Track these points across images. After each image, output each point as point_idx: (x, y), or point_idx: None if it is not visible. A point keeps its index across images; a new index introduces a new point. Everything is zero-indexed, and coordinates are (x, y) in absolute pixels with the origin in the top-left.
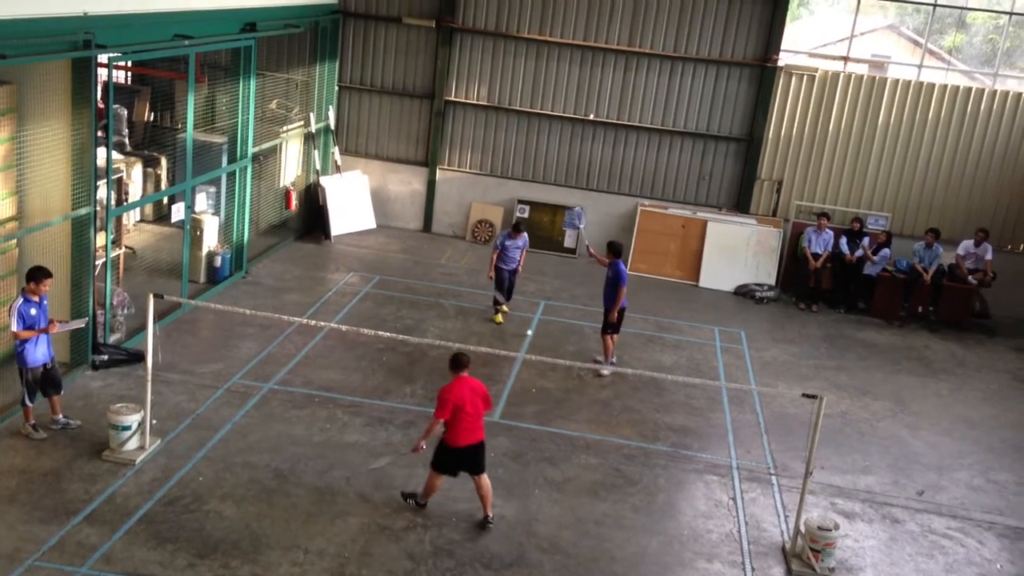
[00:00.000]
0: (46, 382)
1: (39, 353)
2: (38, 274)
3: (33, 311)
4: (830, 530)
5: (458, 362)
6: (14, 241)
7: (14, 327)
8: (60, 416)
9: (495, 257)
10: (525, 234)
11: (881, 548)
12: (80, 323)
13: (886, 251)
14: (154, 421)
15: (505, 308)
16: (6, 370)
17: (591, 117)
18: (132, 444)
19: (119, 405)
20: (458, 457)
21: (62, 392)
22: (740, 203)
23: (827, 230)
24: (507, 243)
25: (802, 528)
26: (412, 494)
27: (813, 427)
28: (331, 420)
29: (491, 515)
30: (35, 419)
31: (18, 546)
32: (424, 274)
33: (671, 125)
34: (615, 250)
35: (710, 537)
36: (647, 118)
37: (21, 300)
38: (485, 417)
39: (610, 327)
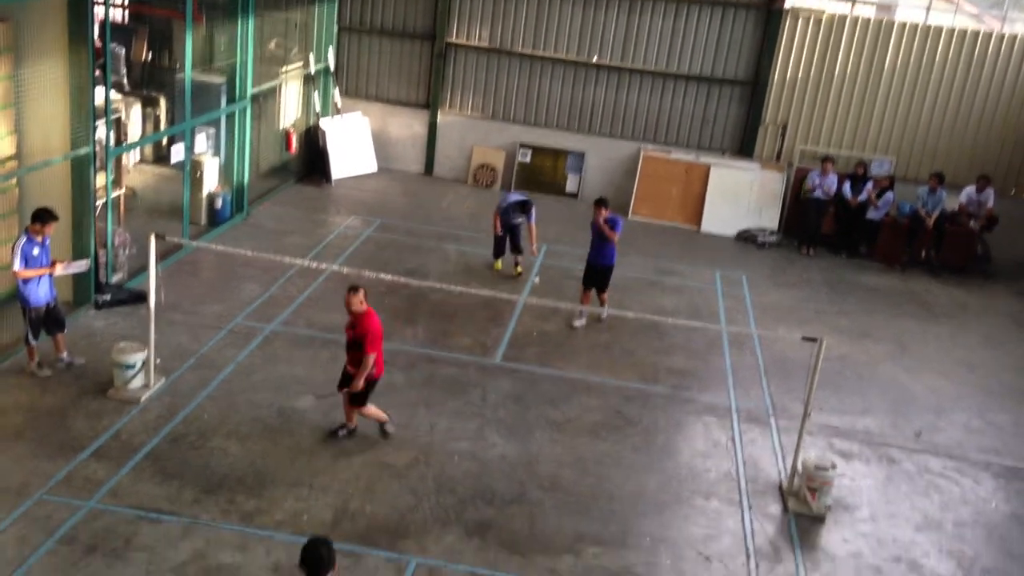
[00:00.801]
0: (49, 321)
1: (41, 292)
2: (45, 216)
3: (36, 251)
4: (827, 469)
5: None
6: (14, 180)
7: (16, 266)
8: (64, 354)
9: (497, 222)
10: (529, 206)
11: (877, 487)
12: (83, 266)
13: (889, 195)
14: (158, 360)
15: (518, 268)
16: (9, 309)
17: (594, 60)
18: (136, 383)
19: (123, 344)
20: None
21: (65, 330)
22: (744, 148)
23: (831, 174)
24: (506, 207)
25: (799, 467)
26: (340, 427)
27: (812, 369)
28: (333, 361)
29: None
30: (39, 357)
31: (26, 480)
32: (426, 218)
33: (675, 69)
34: (605, 203)
35: (708, 476)
36: (651, 61)
37: (24, 239)
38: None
39: (606, 284)
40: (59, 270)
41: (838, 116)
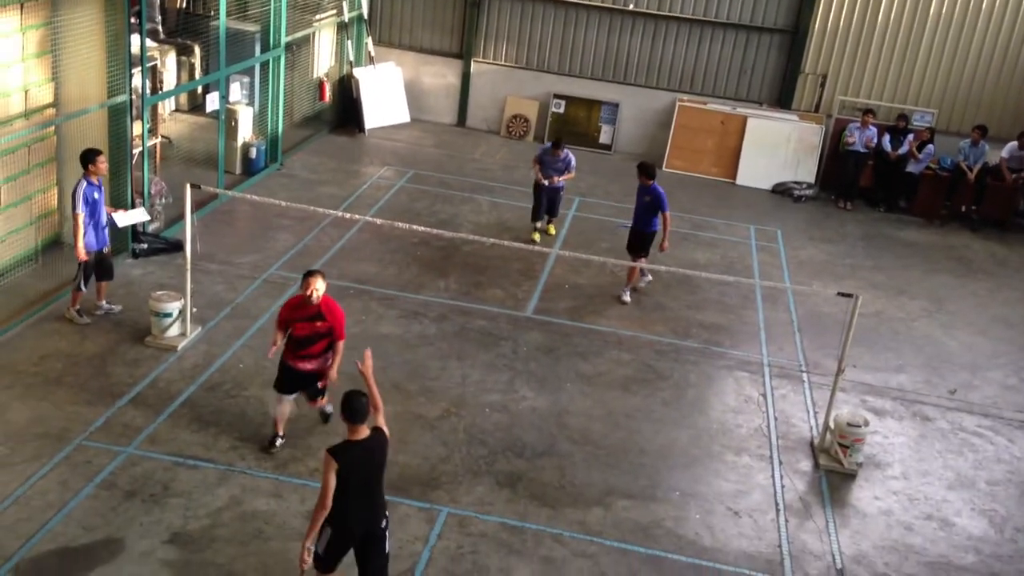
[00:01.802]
0: (100, 268)
1: (96, 238)
2: (91, 155)
3: (96, 194)
4: (859, 426)
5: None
6: (52, 128)
7: (78, 209)
8: (104, 302)
9: (537, 170)
10: (567, 152)
11: (910, 445)
12: (141, 215)
13: (930, 147)
14: (194, 309)
15: (541, 227)
16: (50, 256)
17: (630, 7)
18: (173, 331)
19: (160, 293)
20: None
21: (112, 279)
22: (782, 98)
23: (871, 126)
24: (545, 158)
25: (831, 424)
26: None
27: (847, 326)
28: (366, 312)
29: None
30: (80, 304)
31: (66, 426)
32: (458, 168)
33: (713, 16)
34: (649, 172)
35: (739, 431)
36: (688, 8)
37: (84, 184)
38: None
39: (643, 250)
40: (116, 216)
41: (879, 66)
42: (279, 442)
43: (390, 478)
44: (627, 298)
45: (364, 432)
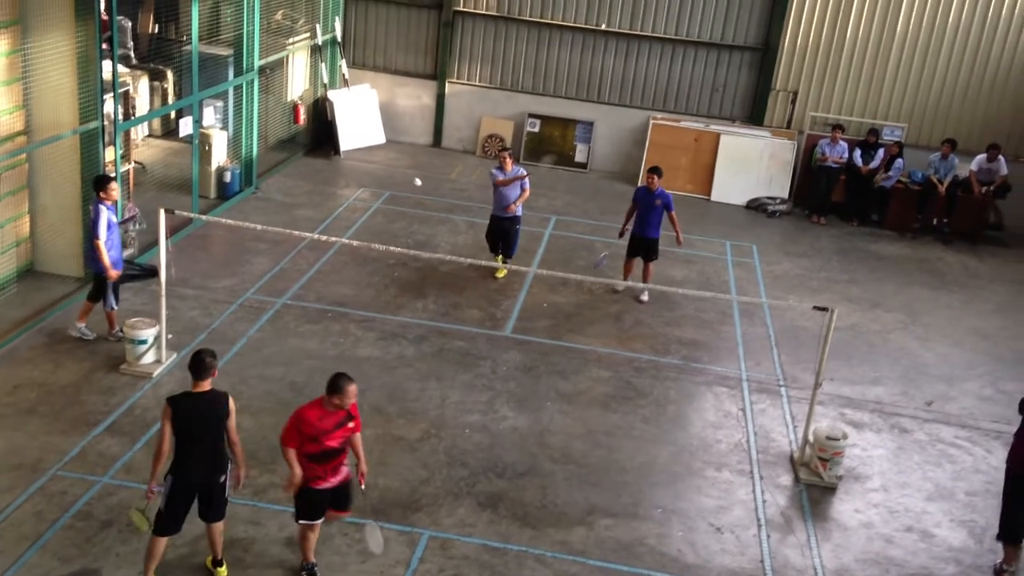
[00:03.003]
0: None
1: (118, 256)
2: (102, 181)
3: (113, 217)
4: (838, 439)
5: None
6: (23, 155)
7: (99, 233)
8: (82, 324)
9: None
10: (519, 167)
11: (889, 457)
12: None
13: (899, 162)
14: (170, 335)
15: (502, 268)
16: (24, 284)
17: (603, 27)
18: (149, 358)
19: (135, 319)
20: None
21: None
22: (754, 115)
23: (840, 141)
24: (496, 175)
25: (811, 438)
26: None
27: (823, 339)
28: (344, 334)
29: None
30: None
31: (40, 456)
32: (434, 189)
33: (684, 35)
34: (660, 174)
35: (719, 447)
36: (660, 27)
37: (104, 208)
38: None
39: (654, 255)
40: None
41: (849, 82)
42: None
43: (369, 502)
44: (645, 297)
45: (206, 387)
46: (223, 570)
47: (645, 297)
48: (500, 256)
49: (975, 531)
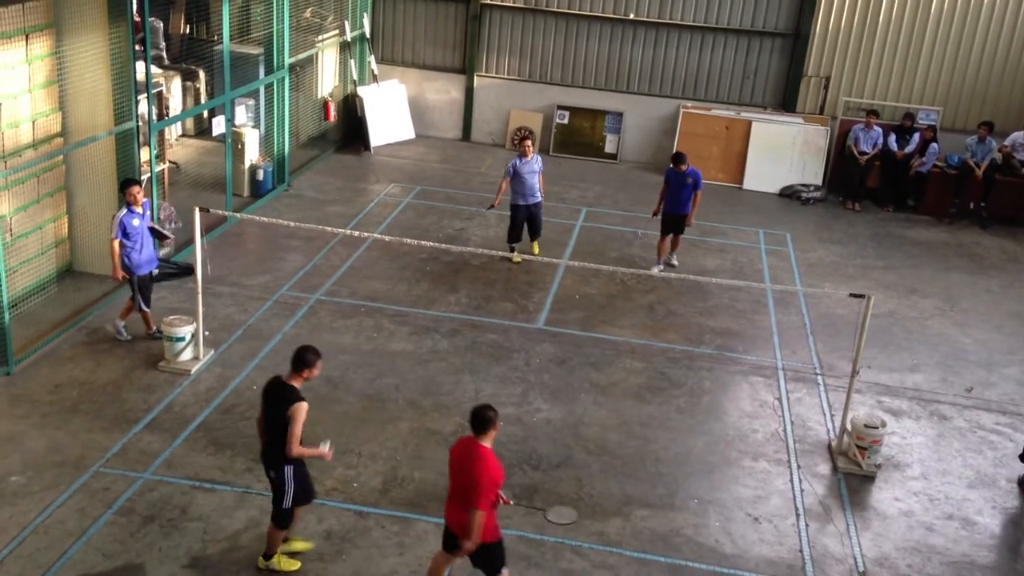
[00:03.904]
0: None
1: (143, 258)
2: (124, 184)
3: (136, 222)
4: (877, 427)
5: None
6: (60, 157)
7: (112, 235)
8: (121, 323)
9: (504, 185)
10: (537, 155)
11: (928, 444)
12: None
13: (935, 146)
14: (207, 332)
15: (516, 258)
16: (63, 285)
17: (631, 16)
18: (187, 355)
19: (172, 317)
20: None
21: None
22: (786, 102)
23: (875, 127)
24: (519, 165)
25: (848, 426)
26: None
27: (860, 327)
28: (378, 329)
29: None
30: (127, 321)
31: (83, 453)
32: (464, 183)
33: (714, 22)
34: (685, 159)
35: (755, 436)
36: (689, 15)
37: (124, 211)
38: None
39: (680, 230)
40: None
41: (882, 66)
42: None
43: (406, 495)
44: (656, 270)
45: (293, 380)
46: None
47: (675, 261)
48: (526, 245)
49: (1017, 519)
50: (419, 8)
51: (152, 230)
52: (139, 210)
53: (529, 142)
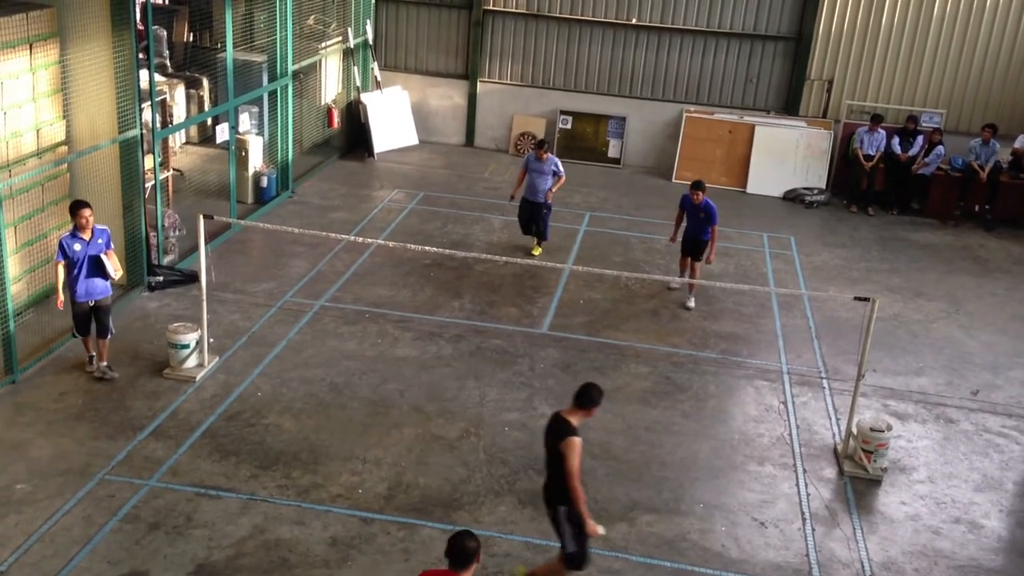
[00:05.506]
0: (92, 321)
1: (80, 289)
2: (71, 207)
3: (77, 247)
4: (883, 431)
5: None
6: (65, 166)
7: (56, 258)
8: (103, 363)
9: (521, 176)
10: (553, 157)
11: (934, 448)
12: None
13: (939, 148)
14: (211, 339)
15: (536, 247)
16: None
17: (633, 21)
18: (191, 362)
19: (177, 324)
20: None
21: (107, 338)
22: (789, 105)
23: (879, 130)
24: (532, 162)
25: (854, 430)
26: None
27: (865, 330)
28: (382, 335)
29: None
30: (91, 352)
31: (88, 461)
32: (468, 189)
33: (716, 26)
34: (703, 188)
35: (761, 441)
36: (691, 20)
37: (66, 234)
38: None
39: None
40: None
41: (885, 69)
42: None
43: (411, 501)
44: (692, 304)
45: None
46: None
47: (691, 304)
48: (536, 240)
49: None
50: (422, 14)
51: (96, 260)
52: (85, 236)
53: (542, 150)
